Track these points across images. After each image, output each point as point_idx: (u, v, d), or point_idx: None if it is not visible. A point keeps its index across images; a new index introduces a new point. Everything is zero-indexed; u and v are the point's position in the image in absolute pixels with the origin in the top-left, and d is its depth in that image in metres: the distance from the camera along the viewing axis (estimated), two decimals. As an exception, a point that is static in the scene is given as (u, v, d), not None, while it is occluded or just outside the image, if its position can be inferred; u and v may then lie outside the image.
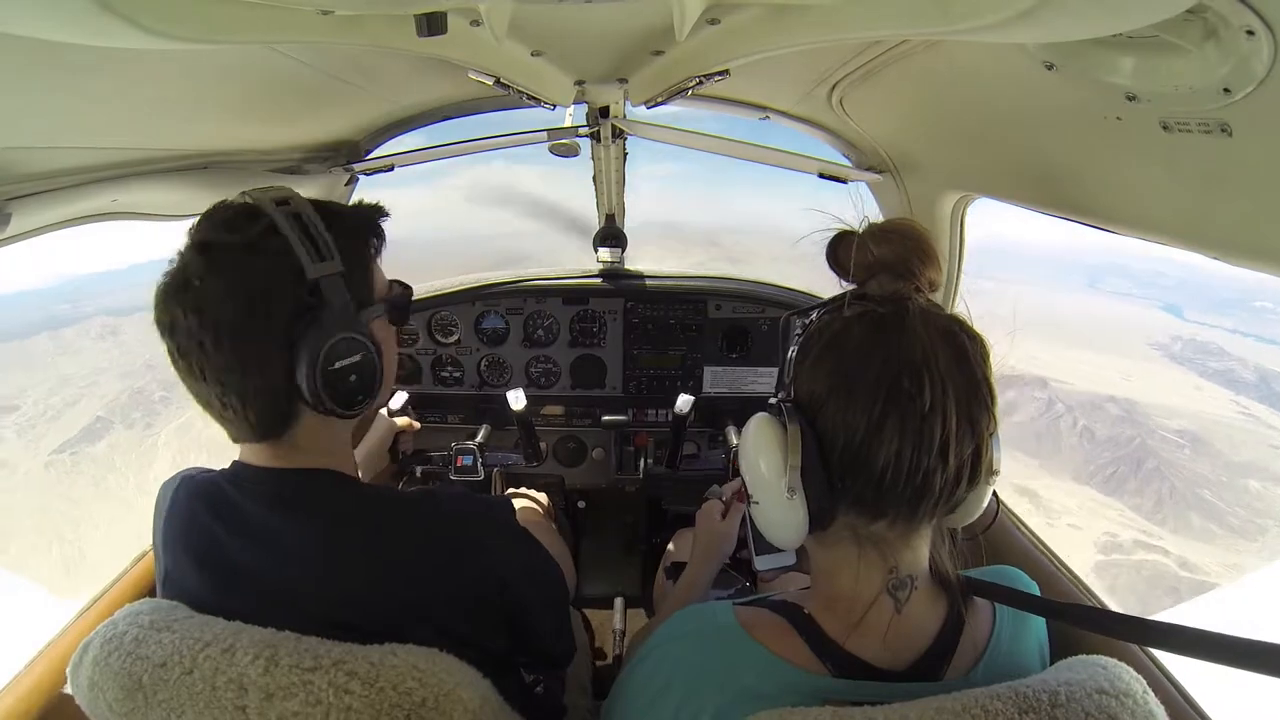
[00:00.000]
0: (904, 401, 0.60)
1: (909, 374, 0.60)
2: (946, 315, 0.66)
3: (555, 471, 2.09)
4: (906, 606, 0.67)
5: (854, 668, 0.65)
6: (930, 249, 0.69)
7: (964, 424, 0.61)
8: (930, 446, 0.60)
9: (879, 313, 0.65)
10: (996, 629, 0.71)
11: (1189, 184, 0.73)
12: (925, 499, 0.62)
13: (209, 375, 0.70)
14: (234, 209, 0.74)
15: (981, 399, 0.63)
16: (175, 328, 0.70)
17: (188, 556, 0.77)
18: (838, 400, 0.63)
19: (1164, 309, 74.96)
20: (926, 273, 0.69)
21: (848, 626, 0.66)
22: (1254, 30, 0.50)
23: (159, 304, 0.71)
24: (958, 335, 0.64)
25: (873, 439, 0.61)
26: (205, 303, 0.68)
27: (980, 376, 0.64)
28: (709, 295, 1.98)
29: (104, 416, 61.72)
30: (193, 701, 0.66)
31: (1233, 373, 46.98)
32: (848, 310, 0.67)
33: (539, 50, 1.09)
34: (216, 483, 0.79)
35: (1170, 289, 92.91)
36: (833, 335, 0.67)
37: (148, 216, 1.15)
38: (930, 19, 0.57)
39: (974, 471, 0.64)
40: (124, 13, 0.50)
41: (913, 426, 0.60)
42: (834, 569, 0.70)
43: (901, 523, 0.65)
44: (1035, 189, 1.04)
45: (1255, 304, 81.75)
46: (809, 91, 1.34)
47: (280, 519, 0.75)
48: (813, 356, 0.67)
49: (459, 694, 0.67)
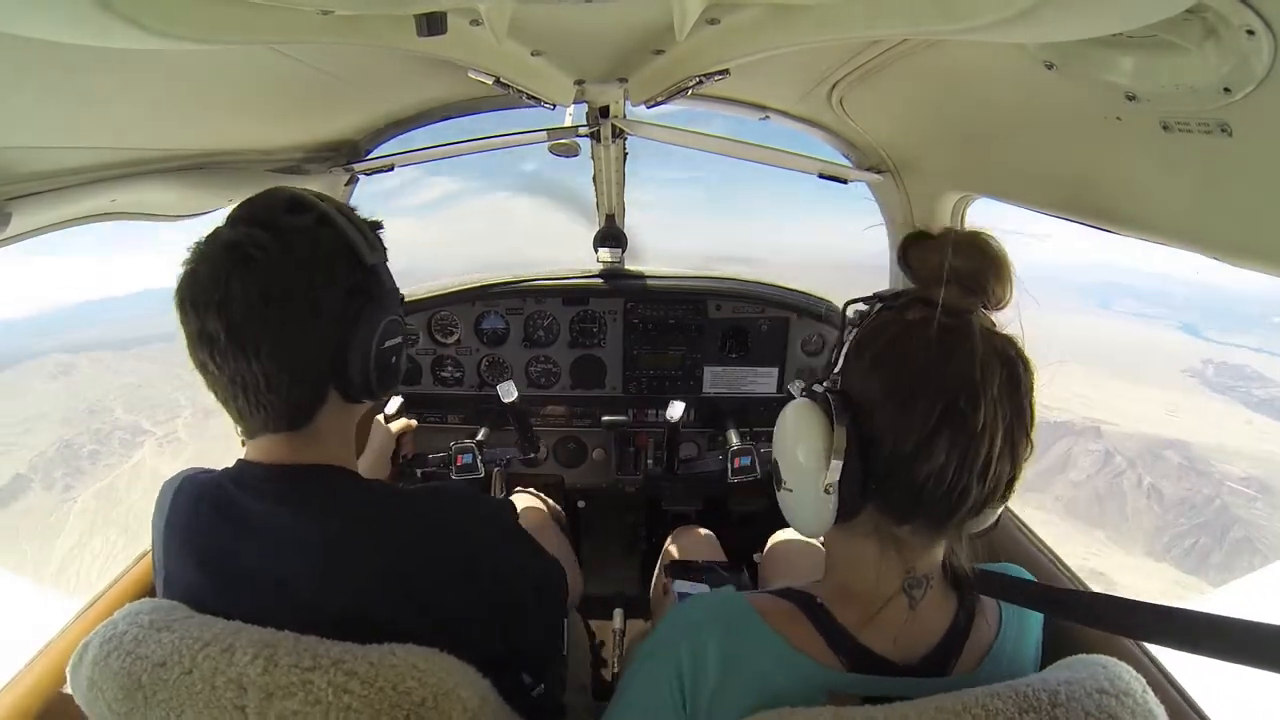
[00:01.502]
0: (958, 420, 0.61)
1: (967, 394, 0.61)
2: (1004, 336, 0.66)
3: (555, 472, 2.09)
4: (920, 605, 0.67)
5: (866, 661, 0.65)
6: (1006, 268, 0.68)
7: (1006, 448, 0.62)
8: (973, 466, 0.61)
9: (945, 324, 0.64)
10: (1002, 629, 0.71)
11: (1189, 184, 0.73)
12: (957, 512, 0.63)
13: (261, 351, 0.70)
14: (282, 197, 0.76)
15: (1024, 424, 0.64)
16: (229, 303, 0.69)
17: (189, 557, 0.77)
18: (892, 406, 0.63)
19: (1181, 329, 72.25)
20: (997, 290, 0.68)
21: (863, 619, 0.67)
22: (1254, 30, 0.50)
23: (207, 282, 0.70)
24: (1013, 360, 0.65)
25: (922, 450, 0.61)
26: (272, 272, 0.70)
27: (1027, 404, 0.64)
28: (709, 295, 1.98)
29: (24, 474, 51.23)
30: (192, 701, 0.65)
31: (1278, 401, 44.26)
32: (911, 313, 0.67)
33: (539, 50, 1.09)
34: (219, 482, 0.79)
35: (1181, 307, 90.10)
36: (893, 337, 0.66)
37: (147, 216, 1.15)
38: (930, 18, 0.57)
39: (1006, 492, 0.65)
40: (124, 13, 0.50)
41: (961, 445, 0.61)
42: (853, 562, 0.70)
43: (927, 530, 0.66)
44: (1035, 189, 1.04)
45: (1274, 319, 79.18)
46: (809, 91, 1.34)
47: (285, 515, 0.75)
48: (869, 355, 0.67)
49: (458, 693, 0.67)
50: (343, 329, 0.75)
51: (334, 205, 0.78)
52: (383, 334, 0.78)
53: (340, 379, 0.77)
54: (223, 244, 0.71)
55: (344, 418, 0.82)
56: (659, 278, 2.02)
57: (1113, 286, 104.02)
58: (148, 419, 43.38)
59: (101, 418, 44.49)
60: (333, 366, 0.76)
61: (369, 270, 0.78)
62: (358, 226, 0.78)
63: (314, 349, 0.74)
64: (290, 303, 0.71)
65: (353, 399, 0.79)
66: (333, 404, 0.79)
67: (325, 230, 0.75)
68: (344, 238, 0.76)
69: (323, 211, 0.76)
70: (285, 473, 0.77)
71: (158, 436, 40.82)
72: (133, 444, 41.06)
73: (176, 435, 40.98)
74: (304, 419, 0.77)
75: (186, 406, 44.44)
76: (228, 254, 0.71)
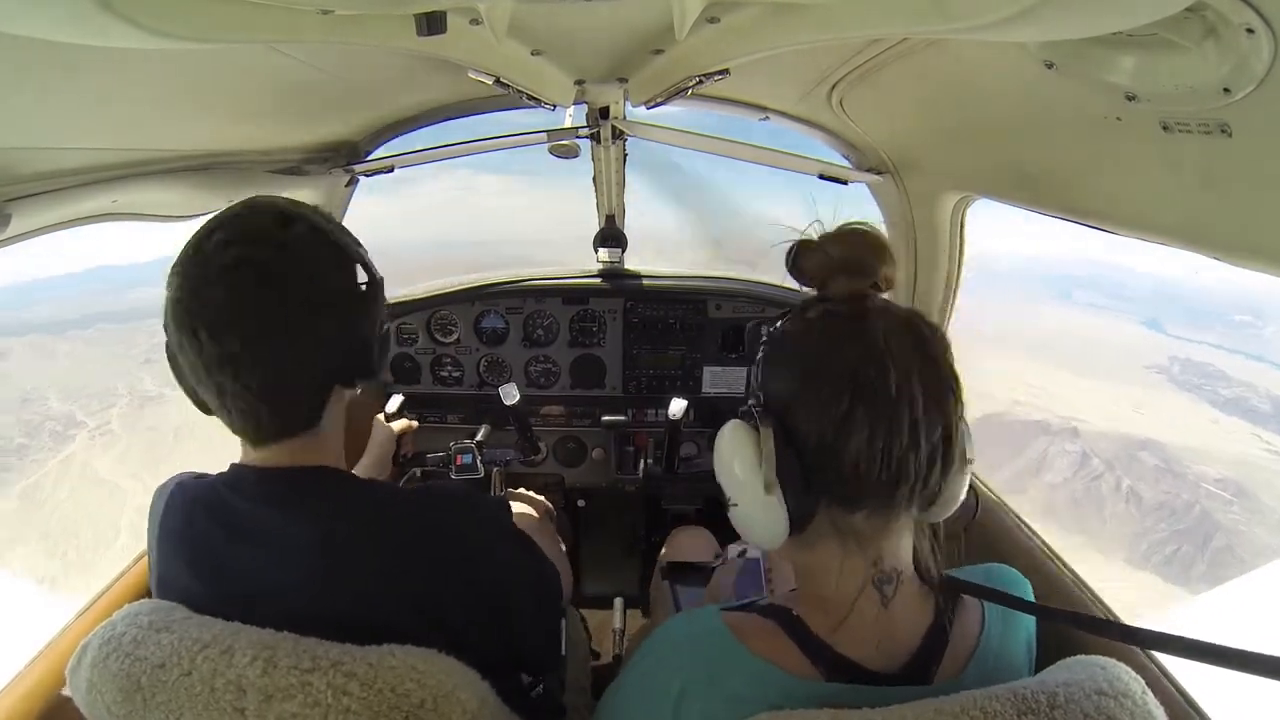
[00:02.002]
0: (869, 390, 0.62)
1: (872, 363, 0.62)
2: (905, 308, 0.68)
3: (555, 471, 2.09)
4: (893, 602, 0.67)
5: (845, 670, 0.64)
6: (884, 246, 0.71)
7: (931, 408, 0.63)
8: (899, 431, 0.62)
9: (838, 310, 0.67)
10: (986, 628, 0.70)
11: (1189, 184, 0.73)
12: (901, 485, 0.63)
13: (286, 362, 0.73)
14: (267, 213, 0.77)
15: (945, 383, 0.65)
16: (248, 324, 0.71)
17: (182, 561, 0.77)
18: (805, 396, 0.65)
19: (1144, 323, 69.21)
20: (882, 269, 0.70)
21: (835, 623, 0.66)
22: (1254, 28, 0.50)
23: (222, 308, 0.70)
24: (917, 325, 0.66)
25: (843, 430, 0.62)
26: (284, 282, 0.73)
27: (942, 362, 0.65)
28: (709, 295, 1.98)
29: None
30: (191, 703, 0.65)
31: (1245, 401, 42.41)
32: (809, 312, 0.69)
33: (539, 49, 1.09)
34: (213, 486, 0.79)
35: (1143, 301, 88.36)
36: (796, 336, 0.69)
37: (148, 217, 1.15)
38: (929, 17, 0.57)
39: (946, 456, 0.65)
40: (124, 13, 0.50)
41: (881, 414, 0.61)
42: (818, 568, 0.70)
43: (880, 513, 0.65)
44: (1035, 189, 1.04)
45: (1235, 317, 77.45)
46: (809, 91, 1.34)
47: (279, 517, 0.75)
48: (778, 358, 0.69)
49: (457, 695, 0.67)
50: (351, 325, 0.79)
51: (310, 210, 0.81)
52: (380, 322, 0.84)
53: (345, 369, 0.80)
54: (228, 266, 0.71)
55: (341, 408, 0.84)
56: (659, 277, 2.03)
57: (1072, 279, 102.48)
58: (82, 409, 40.63)
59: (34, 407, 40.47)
60: (340, 360, 0.79)
61: (362, 265, 0.82)
62: (339, 228, 0.82)
63: (329, 349, 0.77)
64: (305, 311, 0.74)
65: (351, 384, 0.83)
66: (335, 396, 0.81)
67: (318, 237, 0.78)
68: (333, 242, 0.79)
69: (311, 221, 0.78)
70: (280, 475, 0.77)
71: (90, 428, 38.33)
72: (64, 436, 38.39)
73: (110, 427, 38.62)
74: (302, 425, 0.78)
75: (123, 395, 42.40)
76: (238, 276, 0.71)
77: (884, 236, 0.72)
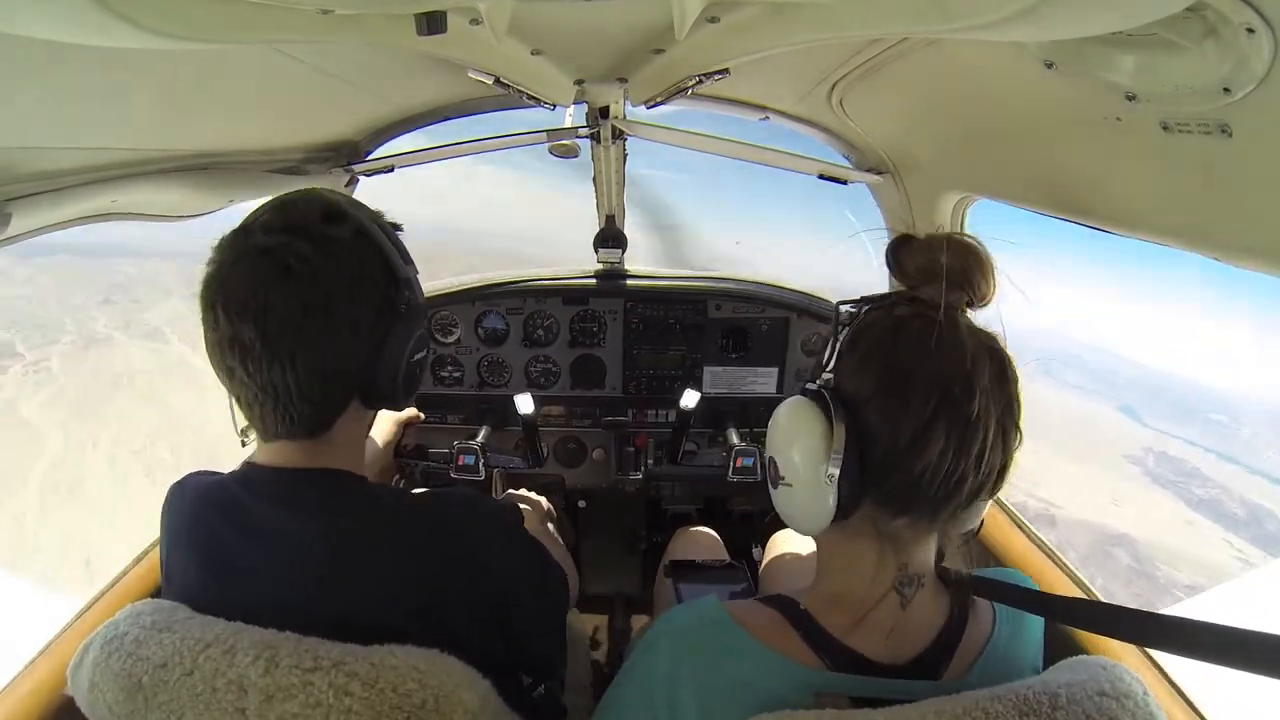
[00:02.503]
0: (953, 409, 0.61)
1: (961, 383, 0.62)
2: (988, 332, 0.68)
3: (555, 472, 2.09)
4: (912, 604, 0.67)
5: (851, 663, 0.65)
6: (990, 265, 0.70)
7: (998, 436, 0.63)
8: (970, 454, 0.62)
9: (933, 318, 0.65)
10: (996, 629, 0.71)
11: (1189, 184, 0.73)
12: (951, 502, 0.64)
13: (296, 362, 0.70)
14: (318, 204, 0.75)
15: (1014, 414, 0.65)
16: (268, 314, 0.69)
17: (192, 557, 0.77)
18: (887, 399, 0.64)
19: (1121, 410, 68.85)
20: (981, 286, 0.69)
21: (850, 623, 0.66)
22: (1254, 28, 0.50)
23: (243, 290, 0.69)
24: (999, 352, 0.66)
25: (919, 441, 0.62)
26: (314, 285, 0.70)
27: (1014, 393, 0.66)
28: (709, 295, 1.98)
29: None
30: (193, 703, 0.65)
31: (1219, 504, 40.93)
32: (900, 310, 0.68)
33: (539, 49, 1.09)
34: (225, 484, 0.79)
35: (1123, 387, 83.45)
36: (885, 333, 0.68)
37: (147, 217, 1.15)
38: (929, 17, 0.57)
39: (997, 484, 0.66)
40: (124, 13, 0.50)
41: (958, 433, 0.61)
42: (848, 563, 0.70)
43: (922, 523, 0.66)
44: (1035, 190, 1.04)
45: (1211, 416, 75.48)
46: (809, 91, 1.34)
47: (290, 517, 0.75)
48: (862, 351, 0.68)
49: (459, 695, 0.67)
50: (377, 343, 0.76)
51: (368, 214, 0.78)
52: (413, 349, 0.80)
53: (367, 389, 0.78)
54: (259, 250, 0.70)
55: (360, 424, 0.83)
56: (659, 278, 2.03)
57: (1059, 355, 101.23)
58: (23, 340, 37.97)
59: None
60: (362, 378, 0.76)
61: (402, 283, 0.78)
62: (391, 238, 0.78)
63: (348, 361, 0.75)
64: (329, 316, 0.72)
65: (373, 406, 0.81)
66: (352, 411, 0.79)
67: (363, 242, 0.75)
68: (380, 251, 0.76)
69: (360, 223, 0.75)
70: (293, 476, 0.77)
71: (26, 362, 35.45)
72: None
73: (48, 364, 35.68)
74: (325, 427, 0.77)
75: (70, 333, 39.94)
76: (267, 262, 0.70)
77: (991, 256, 0.70)
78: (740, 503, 2.20)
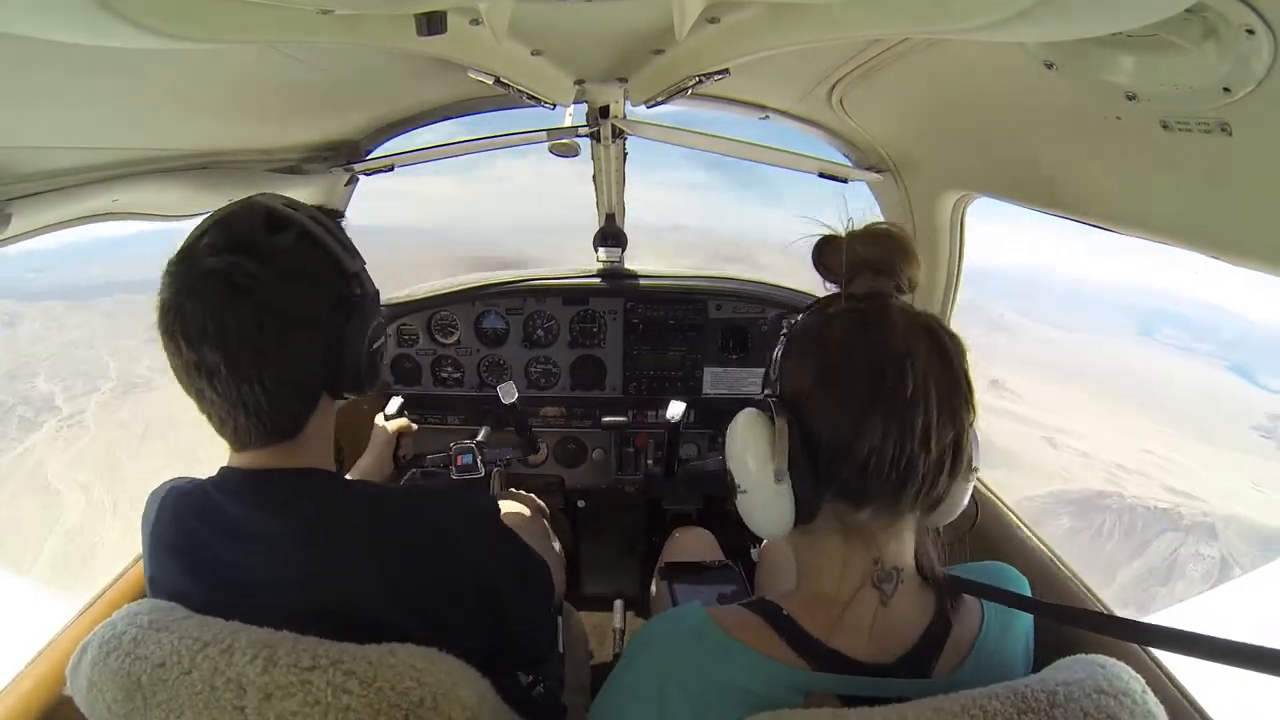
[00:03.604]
0: (887, 391, 0.62)
1: (892, 365, 0.63)
2: (925, 313, 0.69)
3: (555, 472, 2.09)
4: (893, 600, 0.67)
5: (835, 663, 0.64)
6: (911, 249, 0.72)
7: (944, 414, 0.63)
8: (912, 434, 0.62)
9: (861, 309, 0.68)
10: (985, 626, 0.71)
11: (1189, 184, 0.73)
12: (908, 486, 0.64)
13: (264, 376, 0.72)
14: (258, 215, 0.75)
15: (960, 391, 0.66)
16: (225, 336, 0.70)
17: (174, 561, 0.77)
18: (823, 392, 0.66)
19: (1232, 369, 61.44)
20: (907, 271, 0.71)
21: (830, 623, 0.66)
22: (1254, 29, 0.50)
23: (198, 317, 0.70)
24: (936, 331, 0.67)
25: (857, 427, 0.63)
26: (265, 300, 0.71)
27: (958, 369, 0.66)
28: (709, 295, 1.98)
29: None
30: (191, 702, 0.65)
31: None
32: (832, 308, 0.70)
33: (539, 49, 1.09)
34: (203, 489, 0.79)
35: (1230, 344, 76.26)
36: (817, 331, 0.70)
37: (148, 216, 1.15)
38: (930, 17, 0.57)
39: (955, 462, 0.66)
40: (124, 13, 0.50)
41: (896, 415, 0.62)
42: (818, 564, 0.70)
43: (885, 512, 0.66)
44: (1035, 188, 1.04)
45: None
46: (809, 91, 1.34)
47: (267, 518, 0.75)
48: (797, 352, 0.70)
49: (457, 693, 0.67)
50: (335, 339, 0.77)
51: (308, 213, 0.78)
52: (370, 338, 0.81)
53: (332, 384, 0.80)
54: (206, 273, 0.70)
55: (328, 416, 0.84)
56: (659, 277, 2.02)
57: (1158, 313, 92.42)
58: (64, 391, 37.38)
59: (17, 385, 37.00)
60: (327, 374, 0.78)
61: (351, 278, 0.79)
62: (335, 235, 0.79)
63: (313, 364, 0.76)
64: (286, 325, 0.72)
65: (340, 396, 0.82)
66: (321, 407, 0.81)
67: (307, 244, 0.76)
68: (326, 250, 0.77)
69: (302, 225, 0.76)
70: (269, 477, 0.78)
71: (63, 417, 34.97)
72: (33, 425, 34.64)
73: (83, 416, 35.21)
74: (289, 431, 0.78)
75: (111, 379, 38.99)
76: (216, 285, 0.70)
77: (910, 238, 0.72)
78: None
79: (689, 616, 0.70)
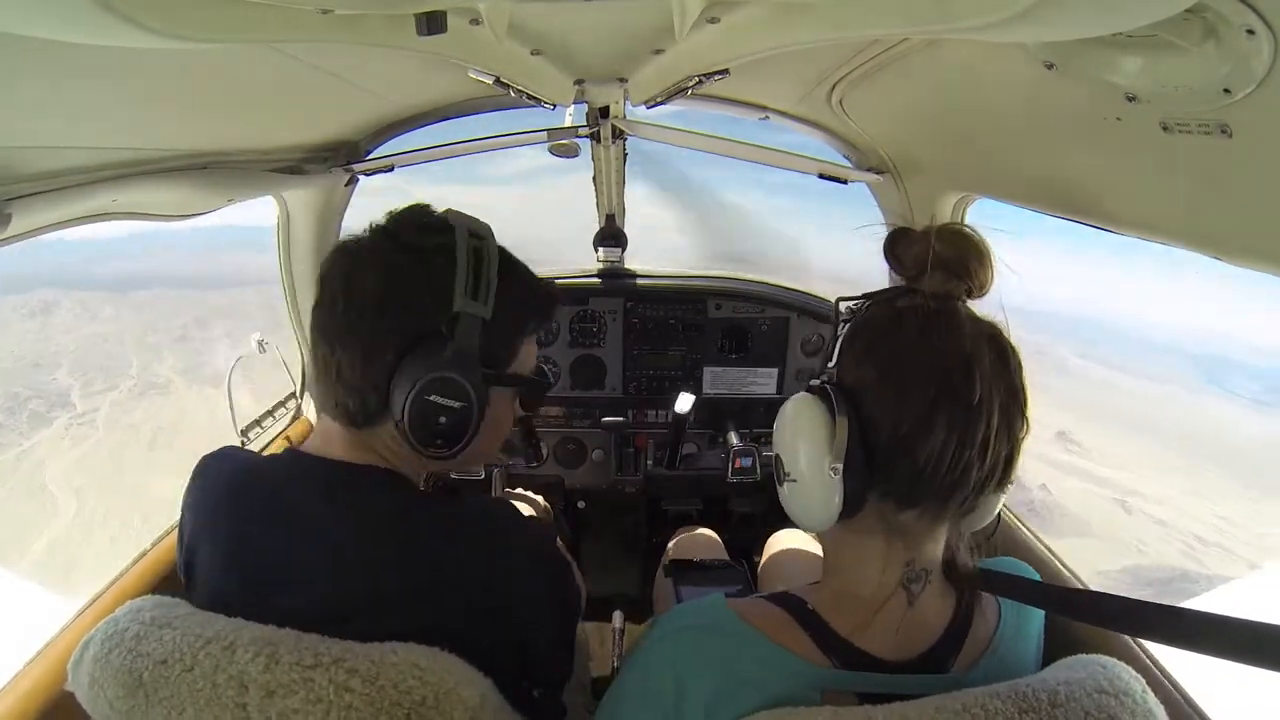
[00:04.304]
0: (954, 396, 0.62)
1: (960, 369, 0.62)
2: (988, 320, 0.68)
3: (555, 472, 2.09)
4: (919, 600, 0.67)
5: (860, 661, 0.65)
6: (988, 254, 0.70)
7: (1003, 424, 0.63)
8: (973, 441, 0.62)
9: (932, 308, 0.66)
10: (1002, 622, 0.71)
11: (1189, 184, 0.73)
12: (959, 492, 0.64)
13: (348, 345, 0.75)
14: (425, 213, 0.80)
15: (1018, 402, 0.65)
16: (337, 294, 0.76)
17: (214, 532, 0.77)
18: (887, 389, 0.64)
19: None
20: (980, 275, 0.69)
21: (859, 623, 0.66)
22: (1254, 30, 0.50)
23: (333, 269, 0.78)
24: (999, 339, 0.66)
25: (921, 429, 0.62)
26: (369, 280, 0.75)
27: (1018, 382, 0.66)
28: (709, 295, 1.97)
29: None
30: (193, 699, 0.65)
31: None
32: (899, 302, 0.69)
33: (539, 49, 1.09)
34: (262, 466, 0.81)
35: None
36: (884, 325, 0.68)
37: (148, 216, 1.15)
38: (930, 17, 0.57)
39: (1004, 475, 0.65)
40: (124, 13, 0.50)
41: (960, 420, 0.62)
42: (856, 560, 0.70)
43: (930, 515, 0.66)
44: (1035, 189, 1.04)
45: None
46: (809, 91, 1.34)
47: (320, 506, 0.75)
48: (862, 344, 0.69)
49: (459, 692, 0.67)
50: (399, 361, 0.74)
51: (481, 245, 0.75)
52: (427, 386, 0.72)
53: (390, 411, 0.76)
54: (364, 238, 0.79)
55: (400, 442, 0.78)
56: (659, 277, 2.02)
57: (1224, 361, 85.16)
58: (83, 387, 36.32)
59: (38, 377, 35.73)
60: (388, 392, 0.75)
61: (452, 317, 0.74)
62: (471, 269, 0.74)
63: (367, 365, 0.75)
64: (371, 315, 0.74)
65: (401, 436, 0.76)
66: (390, 425, 0.77)
67: (437, 260, 0.74)
68: (445, 274, 0.73)
69: (447, 242, 0.74)
70: (330, 466, 0.78)
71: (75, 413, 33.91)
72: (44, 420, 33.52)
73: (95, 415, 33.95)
74: (362, 421, 0.78)
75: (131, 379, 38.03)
76: (351, 251, 0.78)
77: (987, 243, 0.71)
78: (740, 503, 2.20)
79: (712, 608, 0.70)
